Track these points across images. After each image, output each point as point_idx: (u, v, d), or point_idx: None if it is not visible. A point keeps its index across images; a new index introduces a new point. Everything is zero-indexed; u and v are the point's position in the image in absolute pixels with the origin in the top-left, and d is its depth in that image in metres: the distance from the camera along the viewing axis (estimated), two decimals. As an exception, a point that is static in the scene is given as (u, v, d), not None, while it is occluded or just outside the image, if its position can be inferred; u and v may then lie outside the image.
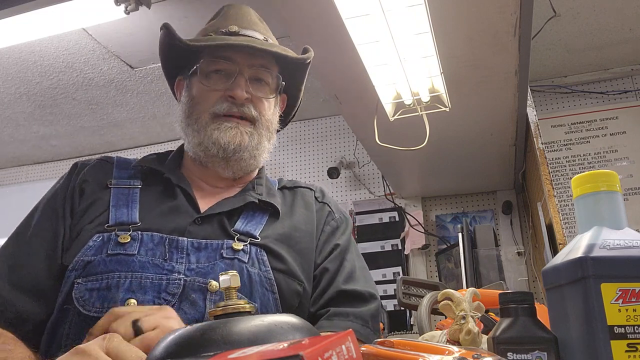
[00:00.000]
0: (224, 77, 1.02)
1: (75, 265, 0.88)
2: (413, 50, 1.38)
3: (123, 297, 0.85)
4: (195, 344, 0.53)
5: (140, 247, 0.90)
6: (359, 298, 1.02)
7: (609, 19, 2.34)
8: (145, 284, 0.87)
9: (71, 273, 0.88)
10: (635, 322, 0.55)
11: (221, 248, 0.94)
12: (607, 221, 0.63)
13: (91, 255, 0.89)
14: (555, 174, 2.69)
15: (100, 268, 0.87)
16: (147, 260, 0.89)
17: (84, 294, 0.86)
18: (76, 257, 0.89)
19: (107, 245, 0.90)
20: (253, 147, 1.02)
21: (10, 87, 2.84)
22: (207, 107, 1.01)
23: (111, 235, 0.91)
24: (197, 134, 1.02)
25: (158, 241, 0.92)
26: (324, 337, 0.41)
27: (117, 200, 0.97)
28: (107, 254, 0.89)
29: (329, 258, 1.05)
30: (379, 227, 2.94)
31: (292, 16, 1.37)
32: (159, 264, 0.90)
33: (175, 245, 0.92)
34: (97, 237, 0.91)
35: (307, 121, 3.34)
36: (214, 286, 0.89)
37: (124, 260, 0.88)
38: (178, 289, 0.88)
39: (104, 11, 1.91)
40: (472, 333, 0.75)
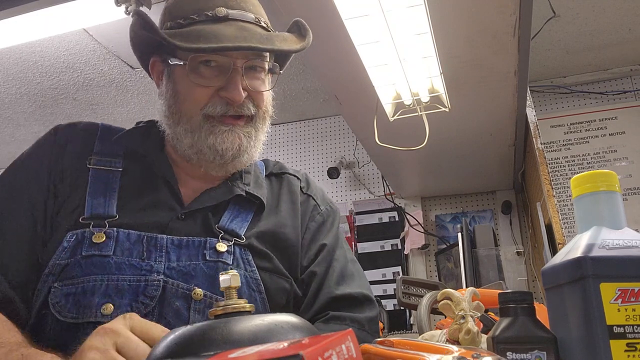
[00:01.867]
0: (215, 71, 0.90)
1: (52, 269, 0.83)
2: (413, 51, 1.38)
3: (99, 302, 0.81)
4: (196, 344, 0.53)
5: (116, 247, 0.85)
6: (354, 302, 0.98)
7: (608, 20, 2.34)
8: (123, 287, 0.82)
9: (48, 277, 0.83)
10: (634, 322, 0.55)
11: (204, 247, 0.89)
12: (607, 221, 0.63)
13: (67, 258, 0.83)
14: (554, 174, 2.69)
15: (76, 271, 0.82)
16: (123, 261, 0.84)
17: (59, 299, 0.82)
18: (52, 260, 0.84)
19: (81, 246, 0.84)
20: (251, 147, 0.94)
21: (10, 87, 2.84)
22: (197, 106, 0.90)
23: (85, 232, 0.85)
24: (190, 135, 0.91)
25: (135, 239, 0.86)
26: (324, 337, 0.41)
27: (95, 186, 0.89)
28: (82, 255, 0.83)
29: (316, 261, 1.01)
30: (379, 227, 2.94)
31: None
32: (136, 264, 0.84)
33: (153, 244, 0.87)
34: (71, 236, 0.85)
35: (307, 121, 3.34)
36: (199, 294, 0.85)
37: (99, 263, 0.83)
38: (157, 292, 0.83)
39: (105, 11, 1.91)
40: (471, 332, 0.76)
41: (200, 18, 0.90)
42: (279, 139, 3.36)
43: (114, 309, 0.81)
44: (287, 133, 3.37)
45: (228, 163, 0.93)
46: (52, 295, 0.82)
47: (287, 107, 3.16)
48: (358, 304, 0.99)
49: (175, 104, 0.92)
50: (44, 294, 0.83)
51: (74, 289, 0.82)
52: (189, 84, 0.90)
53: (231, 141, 0.90)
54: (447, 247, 2.66)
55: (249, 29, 0.91)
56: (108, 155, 0.94)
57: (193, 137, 0.91)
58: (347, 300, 0.98)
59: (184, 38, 0.87)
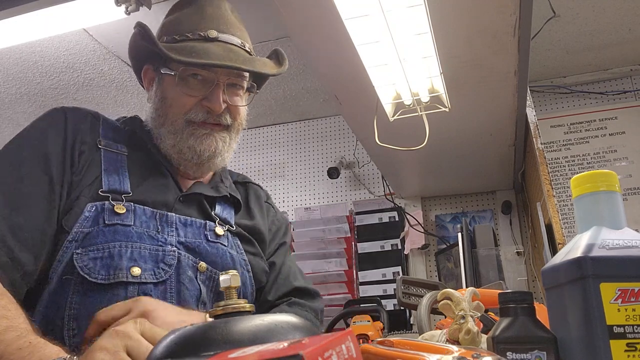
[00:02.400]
0: (200, 83, 1.04)
1: (75, 236, 0.90)
2: (413, 51, 1.39)
3: (127, 265, 0.90)
4: (196, 344, 0.53)
5: (135, 219, 0.94)
6: (311, 294, 1.17)
7: (608, 20, 2.34)
8: (145, 253, 0.92)
9: (70, 244, 0.89)
10: (634, 322, 0.55)
11: (204, 229, 1.03)
12: (607, 221, 0.63)
13: (89, 227, 0.91)
14: (554, 174, 2.70)
15: (100, 239, 0.90)
16: (143, 232, 0.94)
17: (87, 263, 0.88)
18: (74, 228, 0.90)
19: (102, 215, 0.92)
20: (225, 151, 1.07)
21: (11, 88, 2.84)
22: (182, 112, 1.03)
23: (104, 204, 0.93)
24: (173, 136, 1.04)
25: (150, 215, 0.97)
26: (324, 337, 0.41)
27: (108, 164, 0.98)
28: (105, 224, 0.91)
29: (276, 253, 1.20)
30: (379, 227, 2.94)
31: (292, 16, 1.37)
32: (154, 236, 0.95)
33: (165, 220, 0.98)
34: (91, 206, 0.92)
35: (307, 121, 3.34)
36: (204, 267, 0.99)
37: (121, 231, 0.92)
38: (174, 261, 0.95)
39: (105, 12, 1.91)
40: (471, 332, 0.76)
41: (194, 37, 1.05)
42: (279, 139, 3.36)
43: (141, 271, 0.90)
44: (287, 133, 3.37)
45: (204, 163, 1.06)
46: (79, 259, 0.88)
47: (287, 107, 3.16)
48: (314, 296, 1.18)
49: (162, 107, 1.05)
50: (67, 260, 0.89)
51: (100, 253, 0.89)
52: (177, 92, 1.04)
53: (208, 143, 1.04)
54: (447, 247, 2.65)
55: (235, 51, 1.06)
56: (112, 139, 1.04)
57: (175, 138, 1.04)
58: (306, 291, 1.17)
59: (178, 52, 1.01)
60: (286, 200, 3.23)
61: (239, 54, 1.05)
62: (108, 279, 0.88)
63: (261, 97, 3.00)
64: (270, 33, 2.40)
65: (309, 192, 3.21)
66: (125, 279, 0.89)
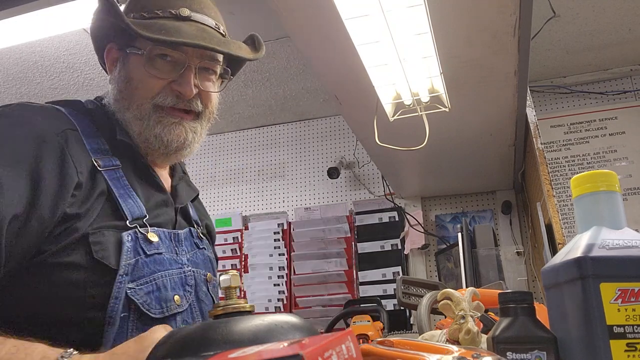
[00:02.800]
0: (170, 65, 0.94)
1: (125, 270, 0.82)
2: (413, 51, 1.39)
3: (171, 295, 0.86)
4: (196, 344, 0.53)
5: (162, 245, 0.88)
6: None
7: (608, 20, 2.34)
8: (176, 280, 0.89)
9: (123, 278, 0.81)
10: (634, 322, 0.55)
11: (192, 237, 0.99)
12: (607, 221, 0.63)
13: (132, 258, 0.83)
14: (554, 174, 2.69)
15: (145, 270, 0.84)
16: (170, 257, 0.89)
17: (145, 299, 0.83)
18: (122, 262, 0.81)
19: (139, 245, 0.84)
20: (194, 142, 0.98)
21: (11, 88, 2.84)
22: (148, 95, 0.93)
23: (137, 233, 0.85)
24: (139, 122, 0.94)
25: (168, 237, 0.91)
26: (324, 337, 0.41)
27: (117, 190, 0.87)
28: (146, 254, 0.85)
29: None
30: (379, 227, 2.94)
31: (292, 16, 1.37)
32: (176, 259, 0.90)
33: (177, 239, 0.93)
34: (127, 236, 0.83)
35: (307, 121, 3.34)
36: (210, 277, 0.98)
37: (159, 260, 0.87)
38: (192, 281, 0.92)
39: (104, 11, 1.90)
40: (471, 332, 0.76)
41: (164, 14, 0.94)
42: (279, 139, 3.36)
43: (179, 299, 0.88)
44: (287, 133, 3.37)
45: (171, 154, 0.97)
46: (135, 295, 0.82)
47: (287, 107, 3.16)
48: None
49: (126, 89, 0.95)
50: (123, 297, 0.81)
51: (150, 287, 0.84)
52: (143, 73, 0.93)
53: (177, 133, 0.94)
54: (447, 247, 2.65)
55: (209, 31, 0.96)
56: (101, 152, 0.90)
57: (142, 125, 0.94)
58: None
59: (146, 28, 0.90)
60: (286, 200, 3.23)
61: (213, 35, 0.96)
62: (163, 312, 0.85)
63: (261, 97, 3.00)
64: (270, 33, 2.40)
65: (309, 192, 3.21)
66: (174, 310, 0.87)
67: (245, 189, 3.32)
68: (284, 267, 2.99)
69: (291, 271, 2.97)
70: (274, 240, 3.05)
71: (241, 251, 3.11)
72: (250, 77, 2.79)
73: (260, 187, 3.30)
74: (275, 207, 3.23)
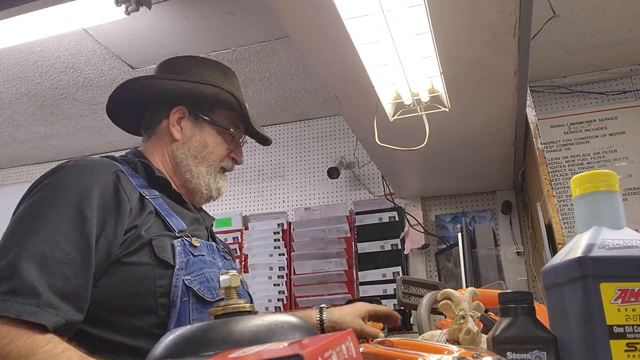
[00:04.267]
0: (230, 138, 1.27)
1: (180, 266, 1.03)
2: (413, 51, 1.39)
3: (217, 285, 1.05)
4: (196, 344, 0.53)
5: (203, 250, 1.12)
6: None
7: (608, 20, 2.34)
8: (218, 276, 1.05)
9: (179, 272, 1.03)
10: (634, 322, 0.55)
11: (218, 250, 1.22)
12: (607, 221, 0.63)
13: (185, 257, 1.06)
14: (554, 174, 2.70)
15: (196, 267, 1.06)
16: (210, 260, 1.12)
17: (200, 287, 1.04)
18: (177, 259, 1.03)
19: (187, 249, 1.07)
20: None
21: (11, 88, 2.84)
22: (218, 159, 1.25)
23: (184, 240, 1.08)
24: (209, 176, 1.24)
25: (206, 245, 1.14)
26: (324, 337, 0.41)
27: (162, 210, 1.11)
28: (194, 255, 1.08)
29: None
30: (379, 227, 2.94)
31: (292, 16, 1.37)
32: (214, 262, 1.13)
33: (212, 248, 1.16)
34: (177, 242, 1.06)
35: (307, 121, 3.34)
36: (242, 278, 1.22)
37: (203, 260, 1.09)
38: None
39: (105, 12, 1.91)
40: (471, 332, 0.76)
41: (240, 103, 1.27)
42: (279, 139, 3.36)
43: None
44: (287, 133, 3.37)
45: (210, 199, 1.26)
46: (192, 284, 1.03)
47: (287, 107, 3.17)
48: None
49: (204, 150, 1.24)
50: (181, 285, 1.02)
51: (202, 278, 1.06)
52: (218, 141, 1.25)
53: (224, 185, 1.28)
54: (447, 247, 2.65)
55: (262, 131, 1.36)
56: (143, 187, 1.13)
57: (210, 178, 1.24)
58: None
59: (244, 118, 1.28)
60: (286, 200, 3.23)
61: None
62: (214, 297, 1.05)
63: (261, 97, 3.00)
64: (270, 33, 2.40)
65: (309, 192, 3.21)
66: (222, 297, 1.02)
67: (245, 189, 3.32)
68: (284, 267, 2.99)
69: (291, 271, 2.97)
70: (274, 240, 3.05)
71: (241, 251, 3.11)
72: (250, 77, 2.79)
73: (260, 187, 3.30)
74: (275, 207, 3.23)
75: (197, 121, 1.24)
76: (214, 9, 2.17)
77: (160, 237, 1.04)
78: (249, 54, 2.58)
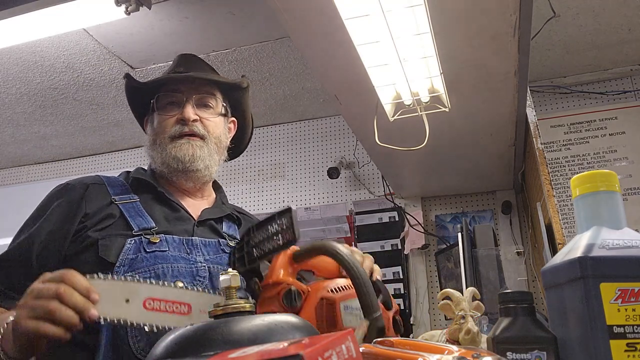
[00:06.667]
0: (176, 107, 1.23)
1: (122, 262, 1.04)
2: (413, 51, 1.39)
3: (171, 280, 1.04)
4: (196, 344, 0.53)
5: (168, 246, 1.10)
6: None
7: (608, 20, 2.34)
8: (182, 271, 1.08)
9: (119, 269, 1.04)
10: (634, 322, 0.55)
11: (219, 245, 1.19)
12: (606, 221, 0.63)
13: (132, 254, 1.06)
14: (554, 174, 2.69)
15: (145, 263, 1.05)
16: (176, 255, 1.10)
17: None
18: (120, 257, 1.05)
19: (142, 246, 1.07)
20: (205, 157, 1.22)
21: (11, 88, 2.84)
22: (165, 132, 1.22)
23: (141, 239, 1.08)
24: (160, 154, 1.22)
25: (178, 241, 1.12)
26: (324, 337, 0.41)
27: (128, 212, 1.13)
28: (146, 251, 1.07)
29: None
30: (379, 227, 2.95)
31: (292, 16, 1.37)
32: (185, 257, 1.11)
33: (190, 244, 1.14)
34: (130, 240, 1.07)
35: (307, 121, 3.34)
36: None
37: (160, 255, 1.07)
38: (206, 273, 1.11)
39: (105, 12, 1.91)
40: (471, 332, 0.76)
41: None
42: (279, 139, 3.36)
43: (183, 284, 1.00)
44: (287, 133, 3.37)
45: (188, 168, 1.21)
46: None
47: (287, 107, 3.16)
48: None
49: (153, 136, 1.25)
50: None
51: (147, 274, 1.04)
52: (159, 118, 1.24)
53: (186, 148, 1.21)
54: (447, 247, 2.65)
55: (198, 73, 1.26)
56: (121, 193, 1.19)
57: (162, 155, 1.22)
58: None
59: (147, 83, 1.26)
60: (286, 200, 3.23)
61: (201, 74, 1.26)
62: None
63: (261, 97, 3.00)
64: (270, 33, 2.40)
65: (309, 192, 3.21)
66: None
67: (245, 189, 3.32)
68: (284, 267, 2.98)
69: (291, 271, 2.97)
70: (274, 240, 3.04)
71: (241, 251, 3.10)
72: (250, 77, 2.79)
73: (260, 187, 3.30)
74: (275, 207, 3.23)
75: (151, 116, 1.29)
76: (214, 9, 2.17)
77: (111, 237, 1.07)
78: (249, 54, 2.58)
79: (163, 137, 1.23)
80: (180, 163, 1.20)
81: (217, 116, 1.28)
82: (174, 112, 1.23)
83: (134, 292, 0.86)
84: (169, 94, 1.24)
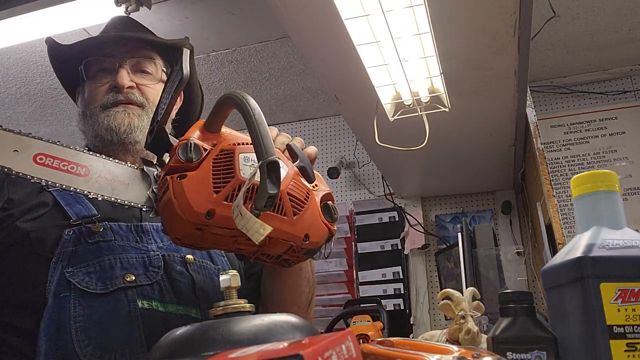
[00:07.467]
0: (108, 73, 1.07)
1: (60, 257, 0.91)
2: (413, 51, 1.39)
3: (121, 273, 0.92)
4: (196, 344, 0.53)
5: (114, 234, 0.96)
6: None
7: (608, 20, 2.34)
8: (133, 262, 0.95)
9: (57, 264, 0.90)
10: (634, 322, 0.55)
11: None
12: (606, 221, 0.63)
13: (72, 247, 0.92)
14: (554, 174, 2.69)
15: (88, 256, 0.91)
16: (125, 244, 0.96)
17: (83, 277, 0.90)
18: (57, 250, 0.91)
19: (82, 237, 0.93)
20: (145, 127, 1.05)
21: (11, 88, 2.84)
22: (96, 101, 1.07)
23: (81, 228, 0.94)
24: (92, 127, 1.06)
25: (125, 229, 0.98)
26: (324, 337, 0.41)
27: (64, 199, 0.97)
28: (88, 242, 0.92)
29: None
30: (379, 227, 2.94)
31: (292, 16, 1.37)
32: (135, 246, 0.97)
33: (140, 230, 1.00)
34: (69, 231, 0.93)
35: (307, 121, 3.34)
36: (190, 259, 1.01)
37: (105, 246, 0.94)
38: (160, 262, 0.97)
39: (105, 12, 1.91)
40: (471, 332, 0.76)
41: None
42: (279, 139, 3.36)
43: (134, 277, 0.92)
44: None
45: (124, 140, 1.04)
46: (73, 276, 0.89)
47: (287, 107, 3.16)
48: None
49: (84, 107, 1.10)
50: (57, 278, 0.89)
51: (92, 268, 0.91)
52: (90, 87, 1.09)
53: (121, 117, 1.04)
54: (447, 247, 2.65)
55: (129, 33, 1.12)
56: None
57: (94, 127, 1.06)
58: None
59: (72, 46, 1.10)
60: (286, 200, 3.23)
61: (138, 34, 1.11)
62: (107, 288, 0.90)
63: (261, 97, 3.00)
64: (270, 33, 2.40)
65: (309, 192, 3.21)
66: (123, 284, 0.91)
67: (245, 189, 3.32)
68: (284, 267, 2.99)
69: (291, 271, 2.97)
70: (274, 240, 3.05)
71: (241, 251, 3.10)
72: (250, 77, 2.79)
73: (260, 187, 3.30)
74: (275, 207, 3.23)
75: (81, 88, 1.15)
76: (214, 9, 2.17)
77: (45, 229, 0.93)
78: (249, 54, 2.58)
79: (94, 106, 1.07)
80: (115, 134, 1.03)
81: (158, 82, 1.11)
82: (107, 80, 1.07)
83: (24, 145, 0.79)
84: (100, 59, 1.08)
